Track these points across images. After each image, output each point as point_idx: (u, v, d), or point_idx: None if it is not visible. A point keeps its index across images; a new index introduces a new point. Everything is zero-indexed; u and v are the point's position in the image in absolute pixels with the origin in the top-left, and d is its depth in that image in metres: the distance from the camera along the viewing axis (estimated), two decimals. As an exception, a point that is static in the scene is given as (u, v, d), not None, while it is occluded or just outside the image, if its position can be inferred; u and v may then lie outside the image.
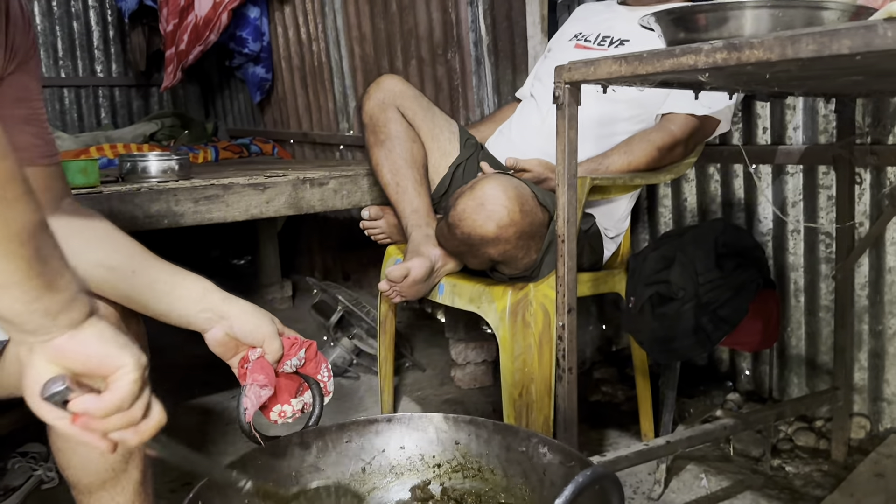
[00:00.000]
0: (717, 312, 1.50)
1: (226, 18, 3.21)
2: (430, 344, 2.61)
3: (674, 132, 1.61)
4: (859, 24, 0.75)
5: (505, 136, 1.86)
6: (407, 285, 1.54)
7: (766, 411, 1.61)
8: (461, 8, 2.45)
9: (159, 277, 0.99)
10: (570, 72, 1.15)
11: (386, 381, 1.97)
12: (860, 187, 1.67)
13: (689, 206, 2.07)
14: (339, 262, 3.53)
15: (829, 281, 1.78)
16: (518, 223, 1.38)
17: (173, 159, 1.78)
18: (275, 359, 1.02)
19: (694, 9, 1.00)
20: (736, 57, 0.89)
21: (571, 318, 1.24)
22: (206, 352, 1.03)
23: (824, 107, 1.72)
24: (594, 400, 2.12)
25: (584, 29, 1.80)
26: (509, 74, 2.36)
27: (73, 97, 4.39)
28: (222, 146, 3.34)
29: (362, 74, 3.05)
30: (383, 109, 1.71)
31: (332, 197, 1.92)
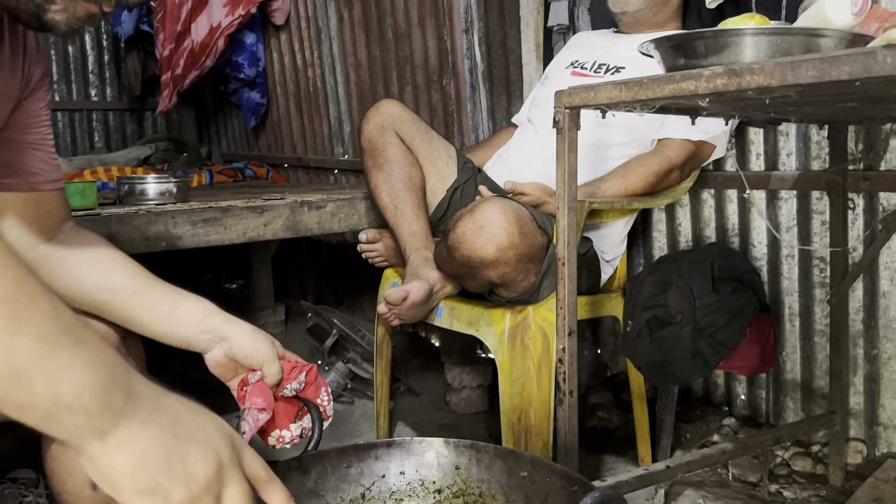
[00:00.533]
0: (715, 336, 1.50)
1: (222, 44, 3.24)
2: (424, 368, 2.60)
3: (670, 157, 1.63)
4: (859, 51, 0.76)
5: (503, 160, 1.87)
6: (406, 308, 1.54)
7: (763, 436, 1.61)
8: (456, 36, 2.48)
9: (160, 299, 0.99)
10: (571, 97, 1.16)
11: (382, 405, 1.96)
12: (853, 212, 1.69)
13: (684, 231, 2.08)
14: (332, 286, 3.52)
15: (823, 305, 1.80)
16: (517, 246, 1.39)
17: (171, 182, 1.78)
18: (274, 382, 1.01)
19: (693, 35, 1.02)
20: (736, 82, 0.90)
21: (572, 340, 1.24)
22: (203, 375, 1.02)
23: (817, 133, 1.74)
24: (590, 425, 2.11)
25: (580, 56, 1.83)
26: (504, 100, 2.38)
27: (66, 121, 4.39)
28: (217, 170, 3.34)
29: (357, 100, 3.07)
30: (382, 133, 1.73)
31: (330, 220, 1.93)
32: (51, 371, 0.48)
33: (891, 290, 1.66)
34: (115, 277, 0.99)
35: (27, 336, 0.47)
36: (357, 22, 2.96)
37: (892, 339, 1.68)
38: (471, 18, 2.40)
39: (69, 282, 0.98)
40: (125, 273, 1.00)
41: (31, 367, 0.47)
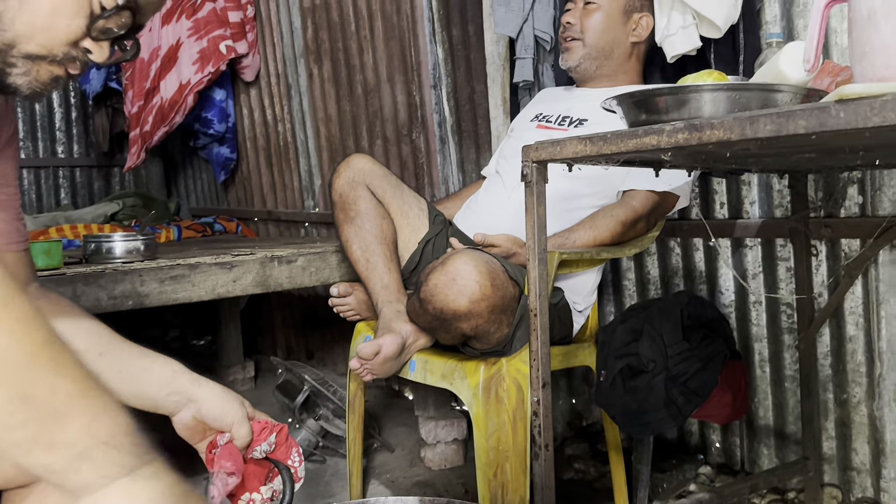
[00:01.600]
0: (688, 384, 1.51)
1: (192, 101, 3.25)
2: (397, 423, 2.56)
3: (636, 208, 1.66)
4: (814, 106, 0.79)
5: (472, 211, 1.89)
6: (378, 363, 1.52)
7: (739, 484, 1.60)
8: (424, 91, 2.52)
9: (127, 360, 0.97)
10: (538, 151, 1.18)
11: (355, 463, 1.91)
12: (817, 259, 1.73)
13: (653, 279, 2.11)
14: (303, 340, 3.48)
15: (792, 351, 1.82)
16: (490, 297, 1.39)
17: (139, 240, 1.76)
18: (243, 444, 0.99)
19: (654, 91, 1.05)
20: (697, 137, 0.93)
21: (546, 392, 1.23)
22: (170, 437, 0.99)
23: (778, 182, 1.79)
24: (567, 477, 2.09)
25: (544, 110, 1.87)
26: (473, 153, 2.42)
27: (32, 178, 4.34)
28: (185, 225, 3.32)
29: (328, 154, 3.09)
30: (353, 187, 1.73)
31: (301, 274, 1.91)
32: (90, 410, 0.51)
33: (856, 334, 1.69)
34: (81, 339, 0.97)
35: (67, 377, 0.50)
36: (327, 78, 3.00)
37: (861, 382, 1.70)
38: (439, 74, 2.45)
39: None
40: (91, 335, 0.98)
41: (70, 407, 0.50)
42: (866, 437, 1.71)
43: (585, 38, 1.80)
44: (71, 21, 0.77)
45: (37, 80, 0.79)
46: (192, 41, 3.21)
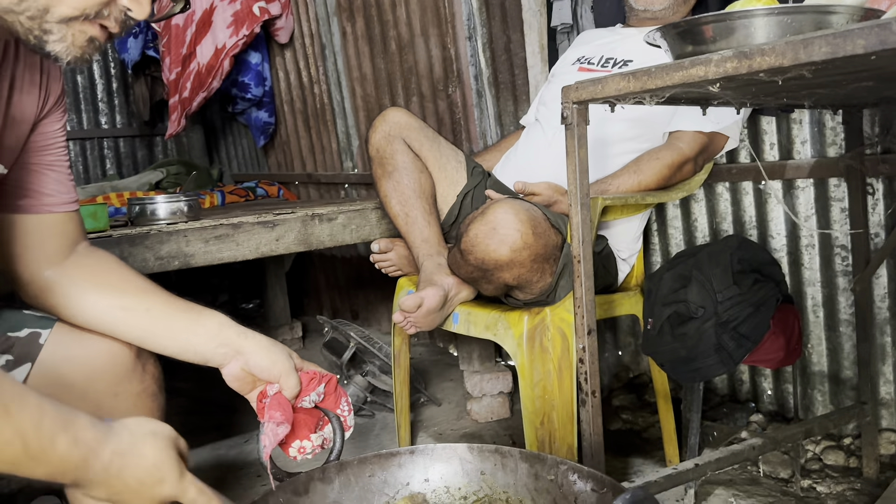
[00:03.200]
0: (738, 330, 1.47)
1: (228, 65, 3.25)
2: (443, 378, 2.58)
3: (683, 150, 1.61)
4: (873, 24, 0.74)
5: (512, 161, 1.86)
6: (421, 315, 1.52)
7: (793, 430, 1.57)
8: (459, 43, 2.47)
9: (174, 315, 0.98)
10: (578, 91, 1.15)
11: (403, 416, 1.94)
12: (873, 197, 1.66)
13: (700, 226, 2.05)
14: (348, 300, 3.51)
15: (847, 294, 1.76)
16: (531, 246, 1.37)
17: (182, 201, 1.78)
18: (292, 395, 1.00)
19: (700, 20, 1.00)
20: (747, 65, 0.88)
21: (592, 339, 1.22)
22: (217, 395, 1.01)
23: (831, 119, 1.71)
24: (615, 428, 2.08)
25: (586, 52, 1.81)
26: (511, 105, 2.37)
27: (78, 150, 4.43)
28: (228, 190, 3.35)
29: (364, 113, 3.07)
30: (389, 142, 1.72)
31: (342, 232, 1.92)
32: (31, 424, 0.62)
33: (916, 274, 1.63)
34: (129, 296, 0.99)
35: None
36: (360, 36, 2.97)
37: (921, 324, 1.64)
38: (473, 25, 2.39)
39: (83, 302, 0.98)
40: (138, 291, 1.00)
41: None
42: (927, 380, 1.65)
43: None
44: None
45: (73, 44, 0.77)
46: (225, 4, 3.19)
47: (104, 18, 0.77)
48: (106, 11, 0.77)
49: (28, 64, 0.90)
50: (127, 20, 0.79)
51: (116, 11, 0.78)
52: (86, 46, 0.78)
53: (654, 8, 1.72)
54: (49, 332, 0.96)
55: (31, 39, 0.76)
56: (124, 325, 0.98)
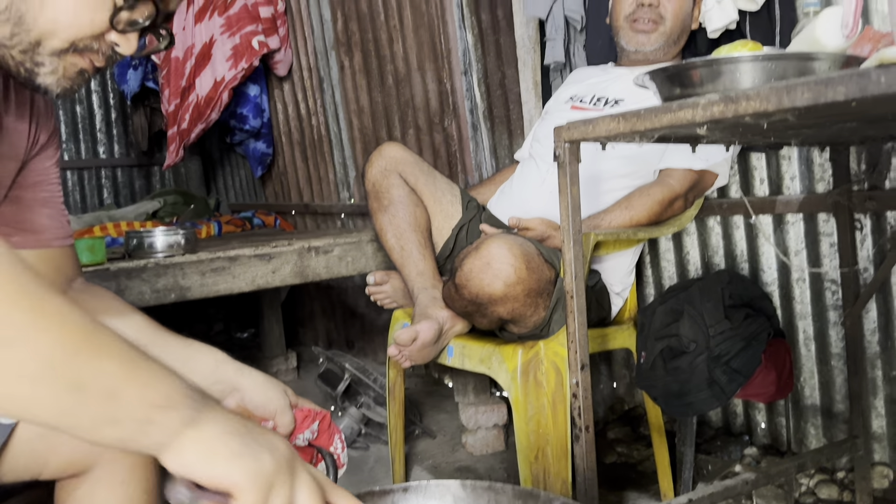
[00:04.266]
0: (730, 364, 1.49)
1: (226, 97, 3.30)
2: (438, 410, 2.58)
3: (673, 186, 1.63)
4: (853, 72, 0.77)
5: (506, 195, 1.88)
6: (416, 349, 1.53)
7: (786, 464, 1.57)
8: (455, 78, 2.51)
9: (172, 351, 0.99)
10: (570, 131, 1.17)
11: (397, 449, 1.93)
12: (861, 233, 1.68)
13: (693, 260, 2.07)
14: (343, 330, 3.51)
15: (838, 328, 1.78)
16: (525, 280, 1.39)
17: (179, 234, 1.79)
18: (286, 432, 1.01)
19: (688, 65, 1.03)
20: (733, 109, 0.91)
21: (585, 374, 1.23)
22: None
23: (819, 155, 1.74)
24: (610, 461, 2.08)
25: (578, 91, 1.85)
26: (506, 138, 2.41)
27: (76, 179, 4.45)
28: (225, 220, 3.37)
29: (361, 145, 3.10)
30: (386, 176, 1.74)
31: (338, 264, 1.93)
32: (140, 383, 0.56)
33: (905, 309, 1.65)
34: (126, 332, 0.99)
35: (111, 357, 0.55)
36: (358, 69, 3.01)
37: (911, 358, 1.66)
38: (469, 60, 2.44)
39: None
40: (135, 327, 1.01)
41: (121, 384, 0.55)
42: (918, 414, 1.66)
43: (667, 22, 1.74)
44: (94, 15, 0.77)
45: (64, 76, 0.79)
46: (224, 38, 3.24)
47: (92, 52, 0.79)
48: (95, 45, 0.79)
49: (17, 101, 0.91)
50: (114, 55, 0.81)
51: (105, 46, 0.80)
52: (75, 78, 0.81)
53: (645, 49, 1.76)
54: None
55: (22, 72, 0.78)
56: None
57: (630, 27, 1.76)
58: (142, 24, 0.80)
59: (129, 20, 0.79)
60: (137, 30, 0.80)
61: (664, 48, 1.76)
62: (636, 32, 1.76)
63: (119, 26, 0.79)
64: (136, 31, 0.80)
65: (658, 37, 1.74)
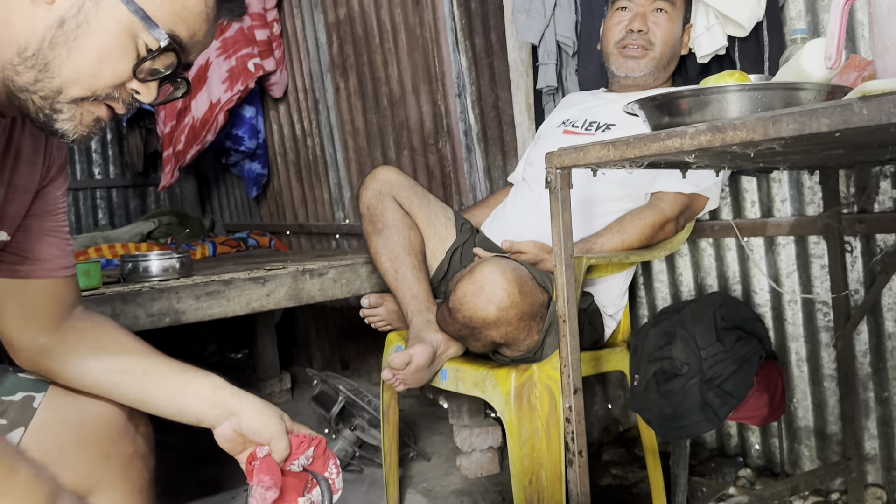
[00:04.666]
0: (723, 387, 1.49)
1: (222, 119, 3.32)
2: (433, 431, 2.57)
3: (664, 210, 1.65)
4: (836, 104, 0.79)
5: (500, 218, 1.90)
6: (410, 372, 1.54)
7: (780, 486, 1.58)
8: (449, 100, 2.54)
9: (169, 377, 1.00)
10: (561, 157, 1.19)
11: (391, 473, 1.93)
12: (851, 255, 1.70)
13: (685, 281, 2.09)
14: (338, 350, 3.51)
15: (830, 350, 1.79)
16: (518, 304, 1.40)
17: (174, 258, 1.80)
18: (282, 458, 1.01)
19: (676, 94, 1.05)
20: (720, 138, 0.93)
21: (578, 398, 1.23)
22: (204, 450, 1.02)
23: (809, 178, 1.76)
24: (605, 483, 2.07)
25: (571, 116, 1.87)
26: (499, 160, 2.43)
27: (71, 199, 4.46)
28: (220, 241, 3.38)
29: (356, 166, 3.12)
30: (380, 199, 1.76)
31: (332, 286, 1.94)
32: None
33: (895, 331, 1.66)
34: (125, 359, 1.00)
35: None
36: (353, 91, 3.04)
37: (902, 380, 1.66)
38: (463, 83, 2.46)
39: (79, 366, 0.99)
40: (134, 354, 1.02)
41: None
42: (910, 435, 1.67)
43: (656, 48, 1.76)
44: (118, 65, 0.78)
45: (81, 123, 0.80)
46: (220, 60, 3.27)
47: (113, 100, 0.81)
48: (116, 94, 0.80)
49: (33, 133, 0.93)
50: (133, 102, 0.82)
51: (125, 94, 0.81)
52: (91, 125, 0.81)
53: (635, 75, 1.78)
54: (43, 395, 0.97)
55: (41, 117, 0.79)
56: (121, 388, 0.99)
57: (620, 53, 1.79)
58: (163, 73, 0.81)
59: (151, 69, 0.80)
60: (158, 79, 0.81)
61: (654, 74, 1.78)
62: (626, 58, 1.78)
63: (141, 76, 0.80)
64: (157, 80, 0.81)
65: (648, 62, 1.76)
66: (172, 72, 0.81)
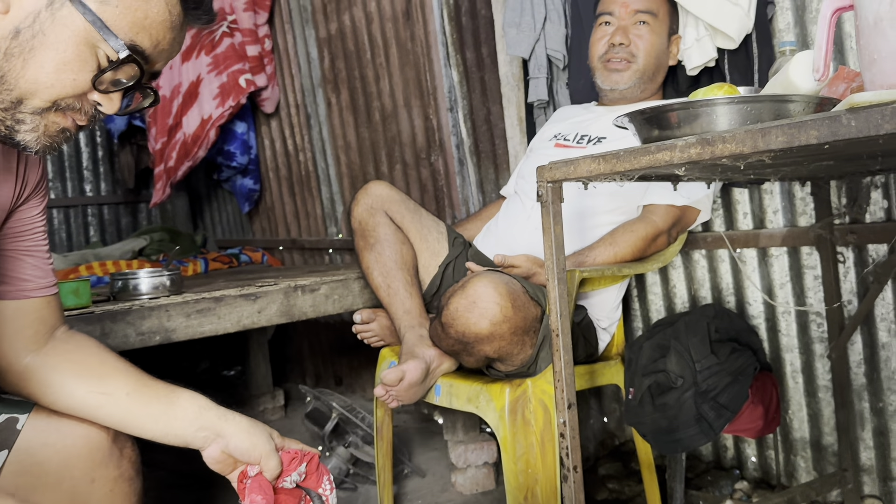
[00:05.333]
0: (718, 399, 1.49)
1: (213, 135, 3.31)
2: (428, 447, 2.55)
3: (656, 223, 1.65)
4: (824, 116, 0.79)
5: (492, 232, 1.89)
6: (403, 389, 1.52)
7: (776, 499, 1.57)
8: (441, 114, 2.54)
9: (154, 398, 0.99)
10: (552, 171, 1.18)
11: (385, 490, 1.91)
12: (844, 266, 1.70)
13: (679, 293, 2.08)
14: (331, 366, 3.49)
15: (824, 360, 1.78)
16: (511, 319, 1.39)
17: (164, 275, 1.79)
18: (273, 476, 1.00)
19: (665, 108, 1.05)
20: (710, 151, 0.92)
21: (572, 413, 1.22)
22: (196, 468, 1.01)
23: (800, 189, 1.77)
24: (601, 498, 2.06)
25: (562, 129, 1.87)
26: (492, 173, 2.42)
27: (62, 217, 4.44)
28: (211, 257, 3.36)
29: (349, 180, 3.12)
30: (372, 214, 1.75)
31: (324, 302, 1.93)
32: None
33: (889, 341, 1.66)
34: (109, 380, 0.99)
35: None
36: (345, 106, 3.04)
37: (897, 391, 1.66)
38: (455, 97, 2.47)
39: (63, 388, 0.97)
40: (118, 375, 1.00)
41: None
42: (906, 446, 1.66)
43: (639, 60, 1.76)
44: (76, 76, 0.77)
45: (45, 133, 0.79)
46: (212, 76, 3.27)
47: (75, 111, 0.80)
48: (78, 104, 0.79)
49: (3, 153, 0.92)
50: (96, 114, 0.81)
51: (87, 105, 0.80)
52: (56, 136, 0.80)
53: (620, 87, 1.79)
54: (27, 416, 0.96)
55: (3, 129, 0.78)
56: (105, 410, 0.98)
57: (604, 67, 1.80)
58: (125, 84, 0.80)
59: (113, 80, 0.79)
60: (121, 90, 0.80)
61: (640, 86, 1.79)
62: (610, 72, 1.79)
63: (101, 87, 0.79)
64: (120, 91, 0.80)
65: (631, 75, 1.77)
66: (136, 82, 0.80)
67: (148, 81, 0.83)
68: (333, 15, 3.00)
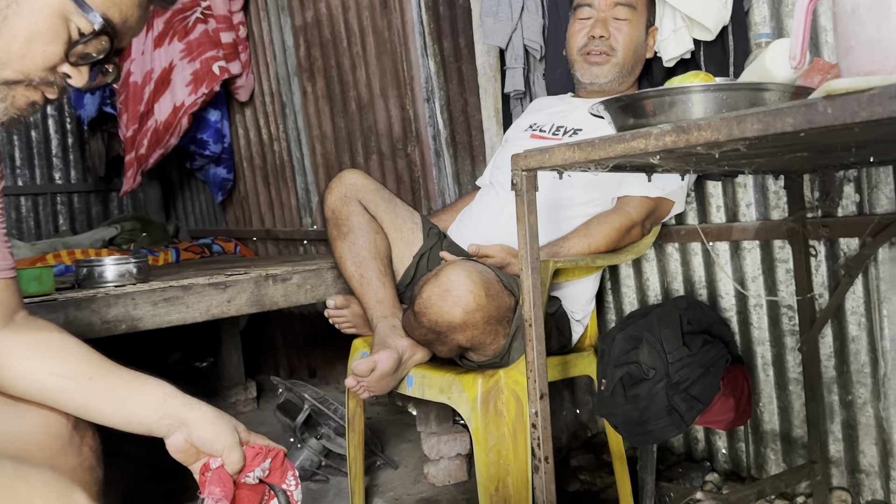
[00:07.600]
0: (689, 391, 1.49)
1: (186, 122, 3.25)
2: (401, 439, 2.54)
3: (630, 214, 1.64)
4: (801, 103, 0.78)
5: (466, 222, 1.88)
6: (374, 379, 1.50)
7: (746, 491, 1.57)
8: (418, 104, 2.52)
9: (118, 384, 0.96)
10: (527, 159, 1.17)
11: (357, 482, 1.89)
12: (816, 259, 1.71)
13: (652, 285, 2.09)
14: (305, 358, 3.46)
15: (795, 353, 1.79)
16: (484, 307, 1.37)
17: (131, 262, 1.74)
18: (234, 470, 0.98)
19: (640, 95, 1.04)
20: (685, 139, 0.92)
21: (544, 404, 1.21)
22: (167, 460, 0.98)
23: (774, 183, 1.77)
24: (573, 489, 2.06)
25: (538, 120, 1.86)
26: (468, 164, 2.41)
27: (30, 205, 4.34)
28: (183, 247, 3.31)
29: (324, 171, 3.08)
30: (345, 203, 1.72)
31: (296, 292, 1.90)
32: None
33: (859, 334, 1.67)
34: (70, 364, 0.96)
35: None
36: (321, 95, 3.00)
37: (865, 383, 1.68)
38: (431, 88, 2.45)
39: (22, 371, 0.95)
40: (80, 359, 0.97)
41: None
42: (874, 438, 1.68)
43: (618, 53, 1.75)
44: (48, 47, 0.78)
45: (13, 105, 0.80)
46: (184, 63, 3.21)
47: (46, 84, 0.80)
48: (50, 77, 0.80)
49: None
50: (66, 87, 0.82)
51: (57, 78, 0.81)
52: (25, 108, 0.81)
53: (599, 81, 1.78)
54: None
55: None
56: (66, 395, 0.95)
57: (584, 60, 1.78)
58: (95, 57, 0.81)
59: (83, 53, 0.81)
60: (90, 63, 0.82)
61: (618, 79, 1.78)
62: (590, 65, 1.78)
63: (73, 59, 0.80)
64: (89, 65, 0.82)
65: (611, 68, 1.76)
66: (105, 56, 0.82)
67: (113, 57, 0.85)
68: (309, 2, 2.96)
